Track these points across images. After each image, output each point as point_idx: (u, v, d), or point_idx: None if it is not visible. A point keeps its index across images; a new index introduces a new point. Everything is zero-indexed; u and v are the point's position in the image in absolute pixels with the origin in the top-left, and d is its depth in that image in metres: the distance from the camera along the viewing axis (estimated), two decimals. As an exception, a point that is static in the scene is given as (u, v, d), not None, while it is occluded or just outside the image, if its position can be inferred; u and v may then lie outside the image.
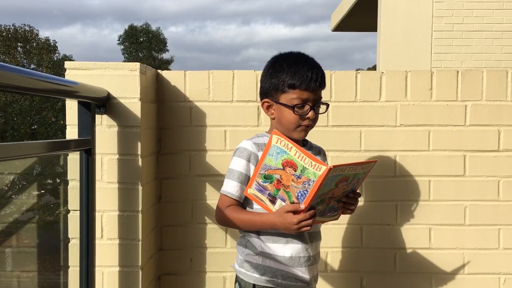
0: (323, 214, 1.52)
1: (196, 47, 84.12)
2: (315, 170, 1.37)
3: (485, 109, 2.16)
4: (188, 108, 2.17)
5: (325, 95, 2.14)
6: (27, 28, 17.71)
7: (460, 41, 6.71)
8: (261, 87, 1.65)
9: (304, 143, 1.70)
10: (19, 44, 17.41)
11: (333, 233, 2.18)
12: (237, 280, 1.65)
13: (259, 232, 1.60)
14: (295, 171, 1.42)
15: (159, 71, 2.18)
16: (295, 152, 1.42)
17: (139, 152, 1.90)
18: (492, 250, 2.18)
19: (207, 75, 2.17)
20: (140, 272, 1.92)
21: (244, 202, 1.62)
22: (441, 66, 6.64)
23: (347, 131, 2.17)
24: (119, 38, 37.47)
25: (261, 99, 1.65)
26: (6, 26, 17.36)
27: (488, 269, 2.19)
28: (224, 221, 1.63)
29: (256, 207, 1.58)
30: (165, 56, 37.96)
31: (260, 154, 1.57)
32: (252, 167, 1.57)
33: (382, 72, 2.18)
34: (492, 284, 2.19)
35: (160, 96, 2.17)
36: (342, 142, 2.17)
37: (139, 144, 1.90)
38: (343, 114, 2.17)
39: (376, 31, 7.49)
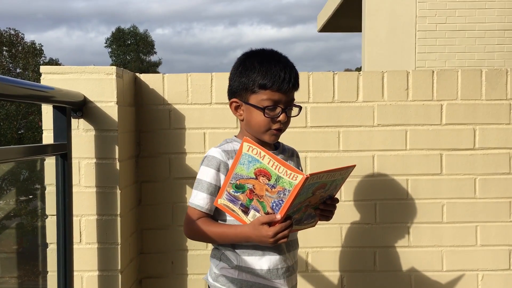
0: (299, 222, 1.46)
1: (184, 49, 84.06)
2: (291, 179, 1.29)
3: (460, 108, 2.19)
4: (167, 111, 2.18)
5: (303, 96, 2.17)
6: (12, 32, 17.56)
7: (443, 40, 6.78)
8: (229, 86, 1.55)
9: (276, 146, 1.62)
10: (4, 48, 17.26)
11: (313, 233, 2.19)
12: None
13: (234, 245, 1.50)
14: (269, 180, 1.34)
15: (137, 74, 2.18)
16: (268, 161, 1.33)
17: (117, 156, 1.90)
18: (469, 247, 2.21)
19: (185, 78, 2.18)
20: (120, 276, 1.92)
21: (215, 214, 1.52)
22: (425, 66, 6.71)
23: (326, 131, 2.19)
24: (106, 41, 37.31)
25: (229, 99, 1.54)
26: (-9, 30, 17.21)
27: (466, 265, 2.22)
28: (194, 235, 1.53)
29: (229, 218, 1.49)
30: (153, 58, 37.84)
31: (230, 162, 1.47)
32: (222, 177, 1.47)
33: (359, 73, 2.21)
34: (470, 281, 2.22)
35: (139, 100, 2.17)
36: (321, 143, 2.19)
37: (117, 147, 1.90)
38: (321, 115, 2.19)
39: (361, 31, 7.55)
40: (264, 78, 1.45)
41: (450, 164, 2.19)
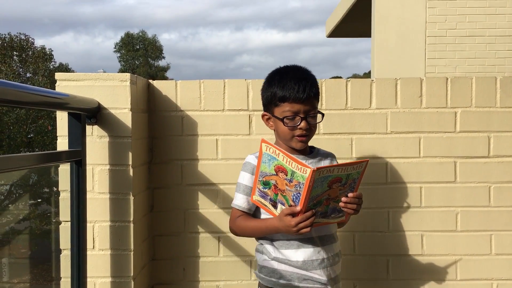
0: (325, 215, 1.58)
1: (190, 54, 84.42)
2: (302, 173, 1.43)
3: (474, 116, 2.17)
4: (180, 117, 2.18)
5: (316, 103, 2.16)
6: (22, 37, 17.71)
7: (453, 46, 6.75)
8: (262, 100, 1.75)
9: (311, 150, 1.79)
10: (15, 52, 17.40)
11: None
12: (259, 285, 1.73)
13: (272, 239, 1.68)
14: (286, 175, 1.48)
15: (150, 81, 2.19)
16: (282, 157, 1.48)
17: (130, 162, 1.91)
18: (484, 256, 2.19)
19: (198, 84, 2.18)
20: (132, 283, 1.92)
21: (256, 213, 1.71)
22: (435, 72, 6.68)
23: (338, 138, 2.18)
24: (115, 46, 37.56)
25: (263, 112, 1.75)
26: (2, 34, 17.36)
27: (481, 274, 2.19)
28: (235, 231, 1.73)
29: (264, 216, 1.68)
30: (161, 63, 38.02)
31: None
32: None
33: (372, 80, 2.20)
34: (485, 290, 2.19)
35: (152, 106, 2.18)
36: (333, 150, 2.16)
37: (130, 154, 1.91)
38: (334, 122, 2.18)
39: (371, 36, 7.53)
40: (282, 91, 1.63)
41: (464, 172, 2.17)
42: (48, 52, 18.17)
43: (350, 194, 1.57)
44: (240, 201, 1.69)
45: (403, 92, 2.18)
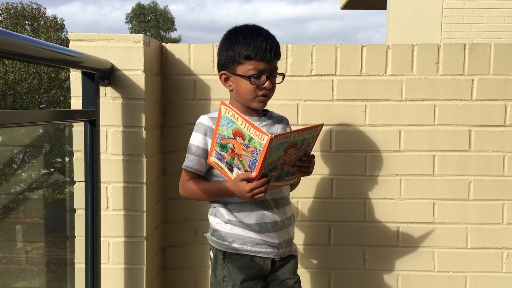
0: (279, 179, 1.57)
1: (198, 26, 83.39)
2: (260, 140, 1.39)
3: (492, 84, 2.13)
4: (193, 81, 2.17)
5: (330, 68, 2.14)
6: (34, 6, 17.63)
7: (471, 18, 6.59)
8: (218, 60, 1.68)
9: (265, 113, 1.73)
10: (26, 22, 17.36)
11: (336, 208, 2.19)
12: (211, 248, 1.72)
13: (226, 202, 1.65)
14: (244, 140, 1.44)
15: (163, 43, 2.17)
16: (241, 122, 1.44)
17: (143, 124, 1.91)
18: (495, 225, 2.18)
19: (211, 48, 2.16)
20: (145, 243, 1.95)
21: (207, 175, 1.67)
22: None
23: (352, 105, 2.16)
24: (126, 17, 37.31)
25: (219, 72, 1.67)
26: (14, 3, 17.30)
27: (492, 244, 2.19)
28: (187, 194, 1.67)
29: (216, 178, 1.65)
30: (173, 35, 37.75)
31: None
32: (209, 140, 1.61)
33: (388, 46, 2.16)
34: (495, 259, 2.19)
35: (164, 69, 2.16)
36: (346, 117, 2.16)
37: (143, 116, 1.91)
38: (348, 88, 2.15)
39: (386, 8, 7.38)
40: (248, 50, 1.58)
41: (479, 141, 2.15)
42: (59, 22, 18.09)
43: (304, 158, 1.56)
44: (191, 162, 1.63)
45: (420, 59, 2.14)
